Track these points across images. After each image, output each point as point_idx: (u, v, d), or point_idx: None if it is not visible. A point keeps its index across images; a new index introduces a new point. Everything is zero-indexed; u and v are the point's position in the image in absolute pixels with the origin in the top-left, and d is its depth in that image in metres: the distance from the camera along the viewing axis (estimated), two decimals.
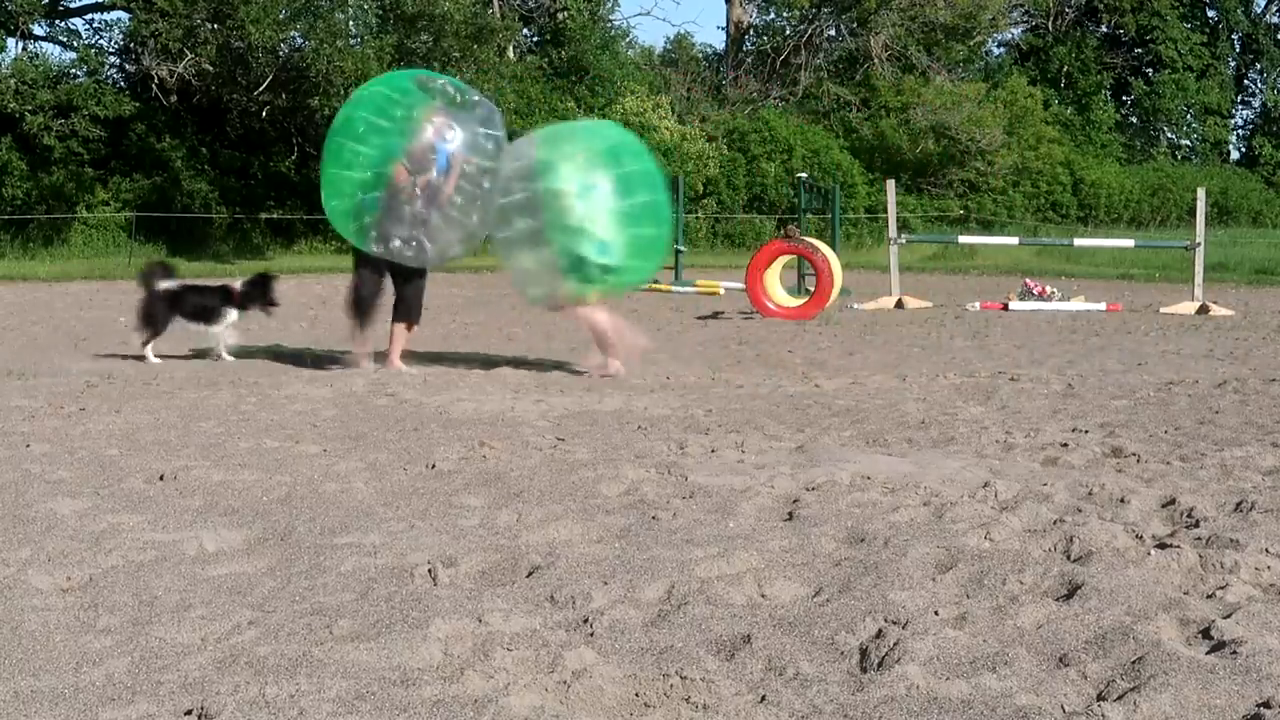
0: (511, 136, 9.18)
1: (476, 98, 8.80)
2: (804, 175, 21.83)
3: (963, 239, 21.90)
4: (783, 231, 16.45)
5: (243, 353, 9.42)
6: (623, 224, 8.38)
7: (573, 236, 8.30)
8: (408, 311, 8.77)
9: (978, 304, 15.79)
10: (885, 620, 3.08)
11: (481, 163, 8.53)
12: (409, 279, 8.74)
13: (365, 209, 8.41)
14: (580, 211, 8.29)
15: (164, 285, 9.02)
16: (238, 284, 9.22)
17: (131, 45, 29.01)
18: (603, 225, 8.33)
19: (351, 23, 28.72)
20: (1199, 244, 15.62)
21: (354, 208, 8.46)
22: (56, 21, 30.04)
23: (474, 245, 9.23)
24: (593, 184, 8.33)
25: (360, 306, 8.71)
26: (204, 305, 9.00)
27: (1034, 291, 16.24)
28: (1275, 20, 52.24)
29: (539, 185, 8.35)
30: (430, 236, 8.47)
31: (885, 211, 20.40)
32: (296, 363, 9.03)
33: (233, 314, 9.04)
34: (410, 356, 8.97)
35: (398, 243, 8.41)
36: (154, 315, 8.95)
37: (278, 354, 9.66)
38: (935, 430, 6.00)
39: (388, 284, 8.81)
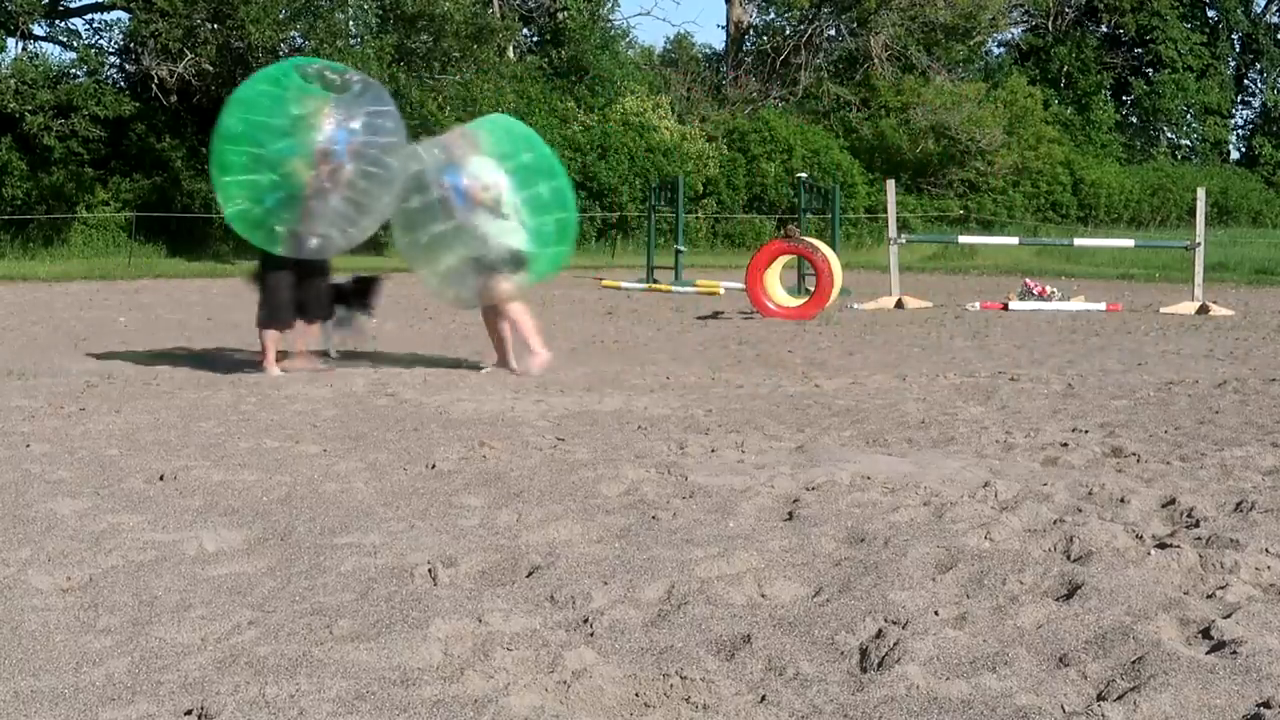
0: None
1: (356, 77, 8.60)
2: (804, 175, 21.83)
3: (963, 239, 21.89)
4: (783, 231, 16.44)
5: (242, 354, 9.42)
6: (534, 212, 8.38)
7: (503, 231, 8.26)
8: (316, 312, 8.62)
9: (978, 304, 15.79)
10: (885, 620, 3.08)
11: (383, 140, 8.32)
12: (313, 276, 8.52)
13: (270, 212, 8.15)
14: (506, 204, 8.27)
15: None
16: (345, 281, 9.23)
17: (131, 45, 29.01)
18: (524, 215, 8.34)
19: (351, 23, 28.73)
20: (1199, 244, 15.62)
21: (259, 213, 8.19)
22: (56, 21, 30.04)
23: (379, 224, 8.93)
24: (501, 176, 8.30)
25: (275, 316, 8.42)
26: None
27: (1034, 291, 16.24)
28: (1275, 20, 52.24)
29: (461, 181, 8.27)
30: (345, 226, 8.29)
31: (885, 211, 20.40)
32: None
33: (341, 311, 9.08)
34: (411, 356, 8.96)
35: (315, 241, 8.20)
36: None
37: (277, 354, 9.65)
38: (935, 430, 6.00)
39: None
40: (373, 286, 9.34)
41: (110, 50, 30.23)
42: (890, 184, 17.65)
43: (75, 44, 29.36)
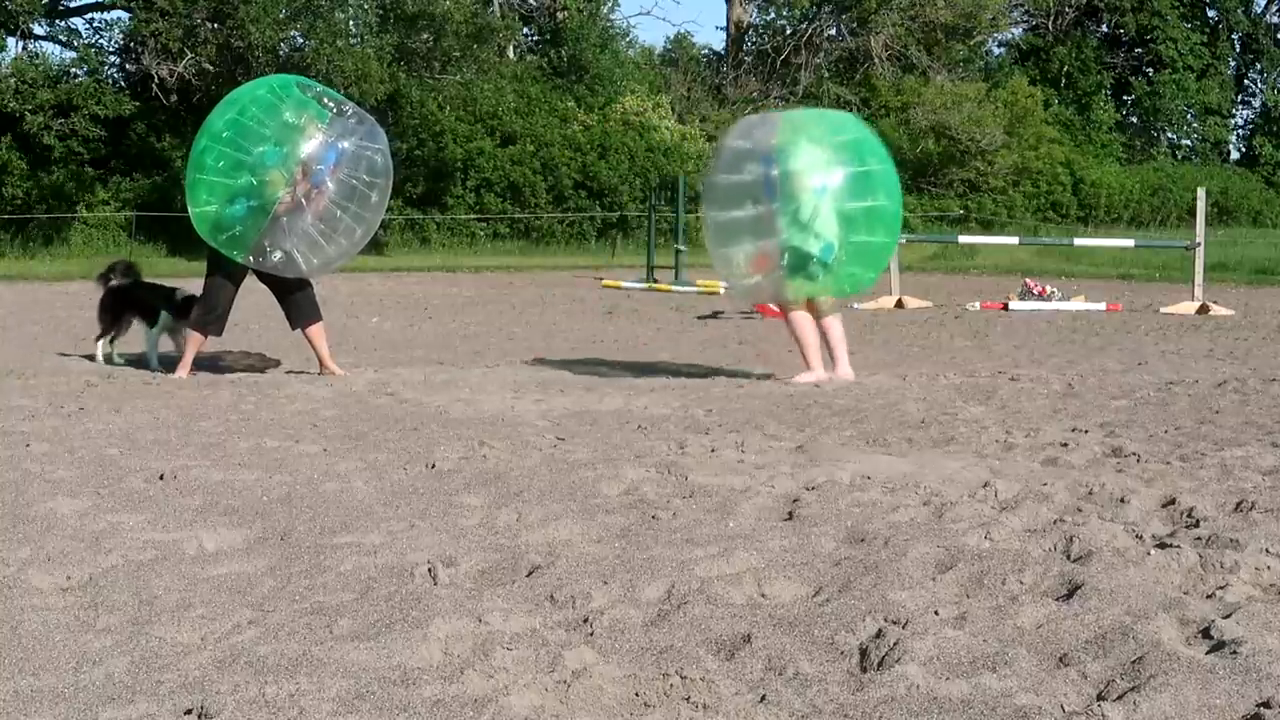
0: (513, 137, 9.05)
1: (352, 110, 8.45)
2: None
3: (963, 239, 21.89)
4: None
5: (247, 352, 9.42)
6: (850, 227, 7.88)
7: (801, 231, 7.81)
8: (309, 312, 8.43)
9: (978, 304, 15.79)
10: (885, 620, 3.08)
11: (367, 177, 8.23)
12: (290, 287, 8.38)
13: (238, 218, 8.02)
14: (813, 205, 7.77)
15: None
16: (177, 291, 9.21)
17: (131, 45, 29.03)
18: (831, 224, 7.83)
19: (351, 22, 28.75)
20: (1199, 244, 15.61)
21: (227, 217, 8.06)
22: (56, 21, 30.06)
23: (349, 258, 8.79)
24: (830, 178, 7.84)
25: (207, 320, 8.31)
26: None
27: (1034, 291, 16.24)
28: (1275, 20, 52.25)
29: (776, 170, 7.84)
30: (310, 249, 8.14)
31: None
32: (293, 364, 9.03)
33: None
34: (412, 356, 8.95)
35: (279, 255, 8.06)
36: None
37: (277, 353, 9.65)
38: (935, 430, 6.00)
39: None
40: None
41: (110, 50, 30.26)
42: None
43: (75, 43, 29.39)
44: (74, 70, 28.77)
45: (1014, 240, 21.99)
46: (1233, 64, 52.12)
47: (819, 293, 8.09)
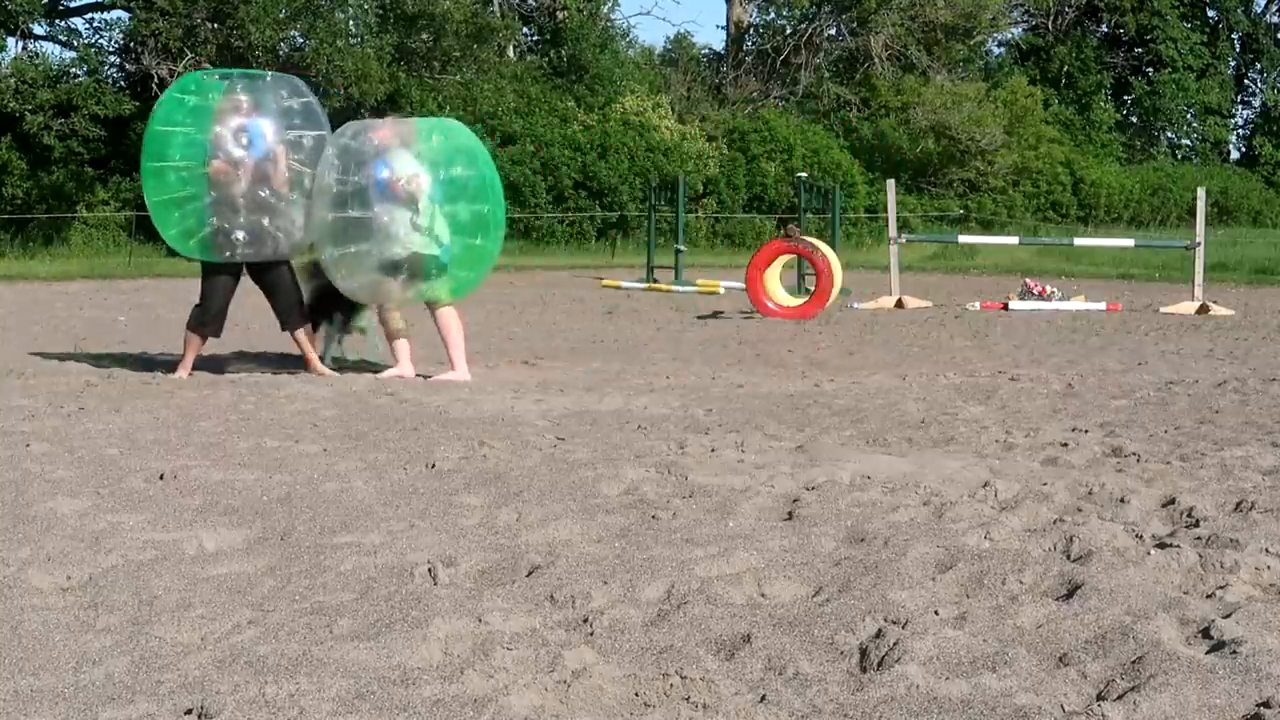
0: (512, 137, 9.00)
1: (269, 75, 8.58)
2: (804, 175, 21.83)
3: (963, 239, 21.89)
4: (783, 231, 16.44)
5: (243, 354, 9.42)
6: (459, 229, 8.10)
7: (412, 232, 7.99)
8: (295, 314, 8.38)
9: (978, 304, 15.79)
10: (885, 620, 3.08)
11: (297, 133, 8.22)
12: (277, 286, 8.35)
13: (202, 222, 8.04)
14: (430, 209, 8.00)
15: None
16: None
17: (131, 44, 29.02)
18: (444, 228, 8.07)
19: (351, 22, 28.75)
20: (1199, 244, 15.62)
21: (191, 223, 8.08)
22: (56, 21, 30.06)
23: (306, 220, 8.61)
24: (422, 175, 8.03)
25: (204, 321, 8.26)
26: None
27: (1034, 291, 16.25)
28: (1275, 20, 52.24)
29: (379, 174, 8.01)
30: (274, 223, 8.11)
31: (885, 211, 20.41)
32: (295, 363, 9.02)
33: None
34: (413, 356, 8.94)
35: (241, 234, 8.03)
36: None
37: (278, 353, 9.66)
38: (935, 430, 6.00)
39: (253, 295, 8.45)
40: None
41: (110, 49, 30.24)
42: (890, 184, 17.66)
43: (75, 43, 29.39)
44: (74, 70, 28.77)
45: (1014, 240, 22.00)
46: (1233, 64, 52.12)
47: (437, 296, 8.30)
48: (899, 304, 15.69)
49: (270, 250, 8.23)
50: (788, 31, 41.80)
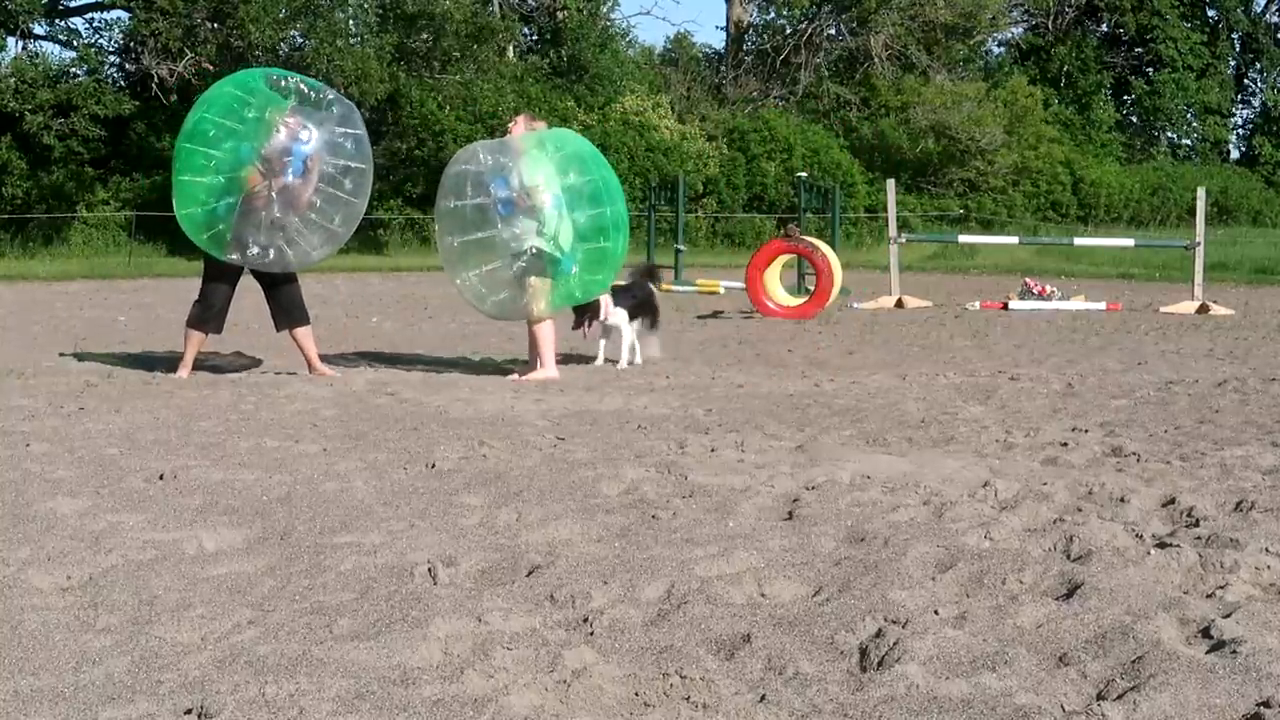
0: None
1: (332, 96, 8.48)
2: (804, 175, 21.82)
3: (963, 238, 21.90)
4: (783, 231, 16.44)
5: (242, 354, 9.41)
6: (581, 236, 8.22)
7: (550, 243, 8.12)
8: (295, 315, 8.40)
9: (978, 304, 15.79)
10: (885, 620, 3.08)
11: (341, 162, 8.23)
12: (278, 284, 8.37)
13: (219, 217, 8.05)
14: (555, 217, 8.12)
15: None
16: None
17: (131, 44, 29.03)
18: (568, 235, 8.18)
19: (351, 22, 28.75)
20: (1199, 243, 15.62)
21: (207, 216, 8.09)
22: (56, 21, 30.07)
23: (337, 247, 8.76)
24: (543, 178, 8.15)
25: (205, 318, 8.28)
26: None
27: (1034, 291, 16.25)
28: (1275, 20, 52.23)
29: (513, 186, 8.12)
30: (289, 242, 8.14)
31: (885, 211, 20.40)
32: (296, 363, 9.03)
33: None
34: (413, 356, 8.95)
35: (255, 250, 8.07)
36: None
37: (277, 353, 9.65)
38: (935, 430, 6.00)
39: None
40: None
41: (110, 49, 30.25)
42: (890, 183, 17.66)
43: (75, 43, 29.39)
44: (74, 70, 28.78)
45: (1014, 240, 22.01)
46: (1232, 63, 52.09)
47: (570, 302, 8.54)
48: (899, 304, 15.69)
49: (279, 266, 8.28)
50: (788, 31, 41.79)
